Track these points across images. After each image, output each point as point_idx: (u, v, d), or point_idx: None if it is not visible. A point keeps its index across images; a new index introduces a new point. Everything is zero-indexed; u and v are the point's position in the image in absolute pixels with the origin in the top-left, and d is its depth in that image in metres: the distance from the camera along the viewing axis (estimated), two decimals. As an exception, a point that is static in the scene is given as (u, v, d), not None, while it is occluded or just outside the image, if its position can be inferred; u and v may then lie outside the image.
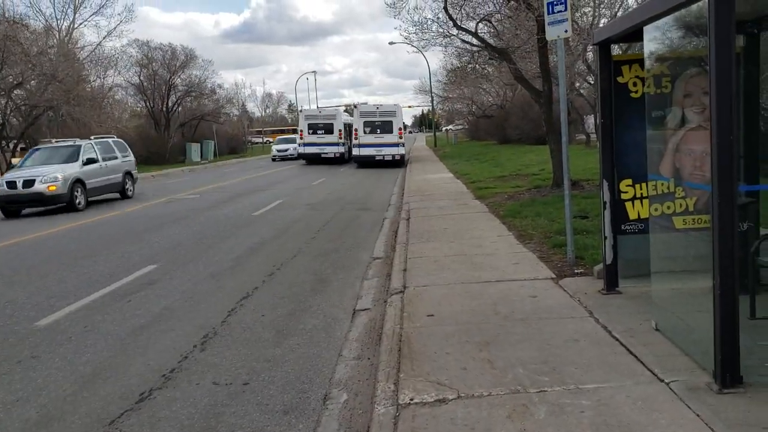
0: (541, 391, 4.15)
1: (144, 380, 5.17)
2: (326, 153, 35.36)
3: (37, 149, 21.31)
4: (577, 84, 29.42)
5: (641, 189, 6.18)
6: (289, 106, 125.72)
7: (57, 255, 10.92)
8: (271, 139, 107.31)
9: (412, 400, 4.21)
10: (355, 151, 33.19)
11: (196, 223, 14.23)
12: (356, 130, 32.89)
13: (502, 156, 31.75)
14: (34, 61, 33.11)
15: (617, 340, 4.96)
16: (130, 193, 22.03)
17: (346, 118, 37.43)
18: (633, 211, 6.20)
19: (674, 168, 6.20)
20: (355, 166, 32.91)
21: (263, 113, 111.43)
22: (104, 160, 20.82)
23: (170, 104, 56.33)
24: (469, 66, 21.14)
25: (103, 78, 50.20)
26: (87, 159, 19.88)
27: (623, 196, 6.21)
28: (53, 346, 6.09)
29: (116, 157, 21.74)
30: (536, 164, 23.74)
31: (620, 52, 11.60)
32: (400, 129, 32.77)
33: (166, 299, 7.63)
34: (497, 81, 40.64)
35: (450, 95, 59.75)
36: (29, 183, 17.91)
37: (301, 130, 35.92)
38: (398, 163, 32.31)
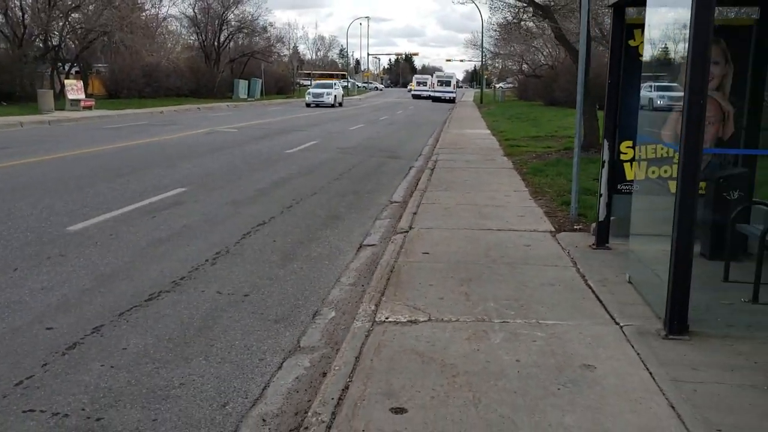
0: (504, 321, 4.53)
1: (155, 284, 5.72)
2: (445, 96, 61.12)
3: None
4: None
5: (640, 151, 6.36)
6: (341, 51, 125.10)
7: (97, 170, 11.60)
8: (320, 83, 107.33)
9: (387, 318, 4.64)
10: (433, 94, 63.05)
11: (230, 155, 14.78)
12: (433, 84, 65.30)
13: (544, 117, 31.47)
14: (92, -15, 33.78)
15: (590, 287, 5.28)
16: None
17: (455, 79, 67.49)
18: (630, 172, 6.40)
19: (676, 134, 6.36)
20: (430, 102, 59.37)
21: (314, 56, 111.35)
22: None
23: (222, 39, 56.81)
24: (514, 21, 20.93)
25: (158, 7, 50.82)
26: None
27: (622, 157, 6.41)
28: (80, 248, 6.69)
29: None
30: (573, 127, 23.52)
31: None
32: (454, 85, 64.12)
33: (188, 219, 8.18)
34: (549, 39, 40.00)
35: (501, 51, 58.72)
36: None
37: (433, 83, 65.70)
38: (452, 100, 60.02)
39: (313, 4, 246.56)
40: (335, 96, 44.84)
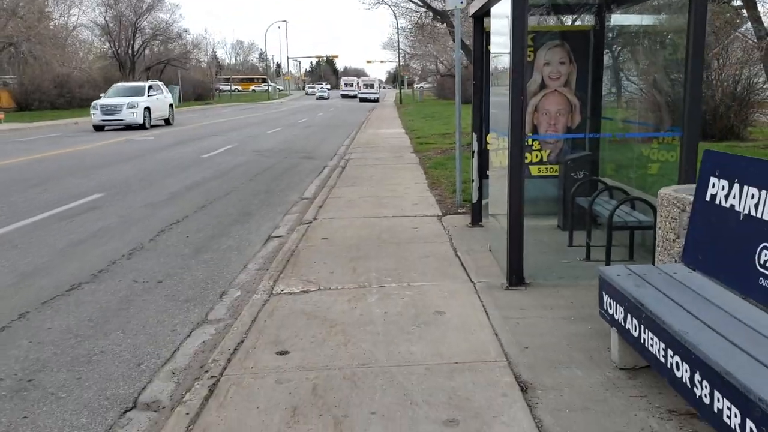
0: (381, 286, 5.40)
1: (75, 277, 6.29)
2: (370, 97, 69.03)
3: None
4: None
5: (504, 142, 7.37)
6: (260, 55, 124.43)
7: (10, 183, 11.83)
8: (240, 87, 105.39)
9: (282, 290, 5.42)
10: (360, 95, 72.08)
11: (146, 162, 15.17)
12: (360, 86, 77.58)
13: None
14: (-6, -5, 32.93)
15: (458, 257, 6.23)
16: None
17: (378, 82, 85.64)
18: (496, 160, 7.39)
19: (533, 125, 7.44)
20: (356, 102, 68.17)
21: (234, 61, 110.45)
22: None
23: (136, 47, 56.01)
24: (417, 25, 22.09)
25: (67, 16, 49.70)
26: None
27: (489, 147, 7.41)
28: (0, 252, 7.16)
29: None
30: (482, 124, 24.87)
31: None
32: (377, 87, 76.19)
33: (105, 221, 8.70)
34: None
35: (417, 52, 60.37)
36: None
37: (359, 85, 78.12)
38: (376, 100, 68.28)
39: (231, 9, 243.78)
40: (147, 109, 26.55)
